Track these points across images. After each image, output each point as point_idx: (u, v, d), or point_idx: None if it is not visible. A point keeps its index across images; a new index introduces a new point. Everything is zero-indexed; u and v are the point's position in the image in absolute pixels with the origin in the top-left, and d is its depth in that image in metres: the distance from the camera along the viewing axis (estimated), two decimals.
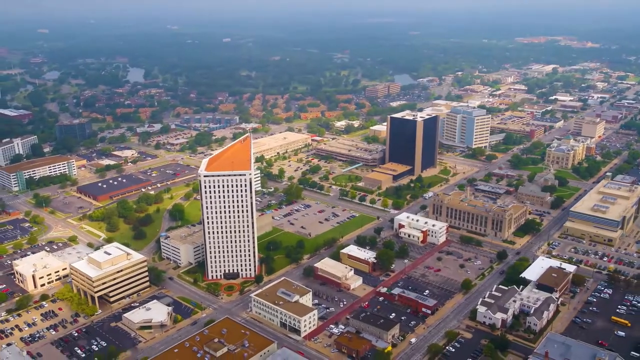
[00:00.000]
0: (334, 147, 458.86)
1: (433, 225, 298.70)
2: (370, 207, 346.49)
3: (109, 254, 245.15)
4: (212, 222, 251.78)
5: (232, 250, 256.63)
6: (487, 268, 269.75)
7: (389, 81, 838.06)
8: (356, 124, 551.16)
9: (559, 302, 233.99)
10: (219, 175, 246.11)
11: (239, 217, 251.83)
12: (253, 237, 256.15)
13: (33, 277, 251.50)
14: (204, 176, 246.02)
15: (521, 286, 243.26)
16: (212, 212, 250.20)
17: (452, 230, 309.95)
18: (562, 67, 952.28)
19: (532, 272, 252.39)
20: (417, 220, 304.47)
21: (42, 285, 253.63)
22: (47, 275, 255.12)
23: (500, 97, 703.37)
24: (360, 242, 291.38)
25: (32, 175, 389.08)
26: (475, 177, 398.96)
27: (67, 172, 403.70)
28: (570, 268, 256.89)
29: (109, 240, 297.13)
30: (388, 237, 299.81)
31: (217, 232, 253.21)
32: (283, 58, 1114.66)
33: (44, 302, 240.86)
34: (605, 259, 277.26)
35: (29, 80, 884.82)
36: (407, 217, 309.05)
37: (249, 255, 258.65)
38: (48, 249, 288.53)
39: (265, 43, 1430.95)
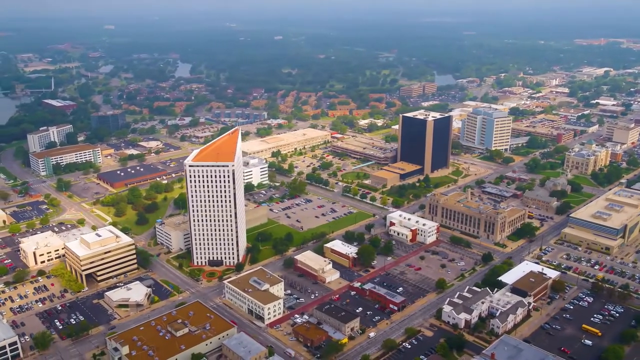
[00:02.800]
0: (350, 145, 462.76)
1: (423, 225, 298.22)
2: (370, 204, 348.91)
3: (100, 236, 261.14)
4: (197, 211, 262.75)
5: (216, 239, 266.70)
6: (470, 269, 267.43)
7: (429, 81, 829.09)
8: (380, 122, 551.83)
9: (530, 307, 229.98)
10: (203, 166, 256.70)
11: (222, 207, 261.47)
12: (236, 227, 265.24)
13: (34, 254, 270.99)
14: (189, 166, 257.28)
15: (495, 289, 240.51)
16: (197, 201, 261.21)
17: (445, 230, 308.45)
18: (616, 70, 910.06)
19: (511, 276, 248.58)
20: (409, 219, 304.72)
21: (42, 262, 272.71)
22: (47, 253, 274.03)
23: (539, 99, 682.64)
24: (349, 237, 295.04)
25: (59, 161, 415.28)
26: (486, 179, 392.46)
27: (93, 160, 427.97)
28: (552, 274, 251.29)
29: (113, 224, 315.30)
30: (378, 234, 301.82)
31: (202, 221, 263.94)
32: (328, 56, 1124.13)
33: (39, 277, 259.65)
34: (597, 267, 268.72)
35: (83, 74, 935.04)
36: (400, 216, 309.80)
37: (233, 244, 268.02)
38: (57, 230, 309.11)
39: (316, 41, 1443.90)
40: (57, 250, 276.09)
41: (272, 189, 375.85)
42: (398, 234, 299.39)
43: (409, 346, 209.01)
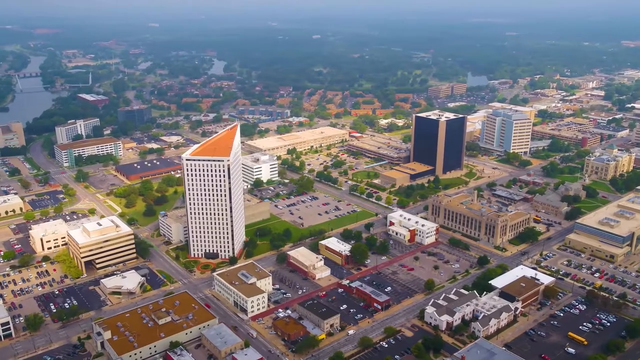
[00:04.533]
0: (365, 144, 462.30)
1: (422, 226, 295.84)
2: (375, 203, 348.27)
3: (100, 225, 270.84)
4: (194, 204, 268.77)
5: (212, 232, 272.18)
6: (463, 272, 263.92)
7: (461, 82, 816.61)
8: (401, 122, 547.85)
9: (517, 312, 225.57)
10: (199, 160, 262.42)
11: (218, 201, 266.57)
12: (231, 221, 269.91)
13: (41, 240, 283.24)
14: (186, 160, 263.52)
15: (484, 292, 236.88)
16: (193, 194, 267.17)
17: (448, 232, 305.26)
18: None
19: (502, 280, 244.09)
20: (409, 219, 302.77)
21: (49, 248, 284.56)
22: (54, 240, 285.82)
23: (572, 102, 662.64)
24: (346, 235, 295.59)
25: (82, 153, 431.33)
26: (499, 182, 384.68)
27: (114, 153, 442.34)
28: (546, 280, 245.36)
29: (122, 215, 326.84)
30: (376, 233, 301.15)
31: (198, 214, 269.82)
32: (362, 55, 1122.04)
33: (43, 263, 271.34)
34: (597, 274, 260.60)
35: (121, 70, 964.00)
36: (400, 215, 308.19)
37: (228, 238, 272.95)
38: (69, 218, 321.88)
39: (354, 40, 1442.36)
40: (64, 237, 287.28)
41: (280, 186, 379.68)
42: (396, 233, 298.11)
43: (386, 345, 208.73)
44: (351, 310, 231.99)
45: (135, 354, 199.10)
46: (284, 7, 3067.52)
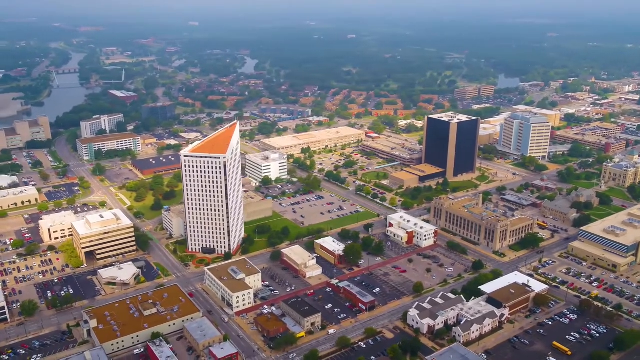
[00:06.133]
0: (379, 145, 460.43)
1: (421, 228, 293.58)
2: (380, 204, 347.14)
3: (102, 217, 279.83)
4: (192, 200, 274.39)
5: (208, 228, 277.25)
6: (456, 276, 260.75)
7: (491, 84, 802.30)
8: (420, 124, 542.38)
9: (504, 319, 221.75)
10: (197, 157, 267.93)
11: (214, 197, 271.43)
12: (227, 217, 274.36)
13: (49, 230, 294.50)
14: (184, 156, 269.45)
15: (472, 297, 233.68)
16: (191, 190, 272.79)
17: (448, 235, 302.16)
18: None
19: (492, 286, 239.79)
20: (408, 221, 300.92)
21: (56, 238, 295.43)
22: (61, 230, 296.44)
23: (603, 106, 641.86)
24: (344, 235, 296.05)
25: (102, 147, 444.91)
26: (511, 186, 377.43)
27: (132, 148, 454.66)
28: (538, 287, 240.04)
29: (131, 208, 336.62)
30: (375, 234, 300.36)
31: (196, 209, 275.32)
32: (394, 55, 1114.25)
33: (48, 252, 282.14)
34: (595, 284, 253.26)
35: (155, 67, 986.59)
36: (400, 217, 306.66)
37: (224, 234, 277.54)
38: (80, 210, 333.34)
39: (388, 40, 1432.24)
40: (70, 228, 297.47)
41: (288, 184, 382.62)
42: (394, 235, 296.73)
43: (364, 346, 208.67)
44: (335, 310, 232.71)
45: (118, 343, 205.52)
46: (325, 6, 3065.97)
